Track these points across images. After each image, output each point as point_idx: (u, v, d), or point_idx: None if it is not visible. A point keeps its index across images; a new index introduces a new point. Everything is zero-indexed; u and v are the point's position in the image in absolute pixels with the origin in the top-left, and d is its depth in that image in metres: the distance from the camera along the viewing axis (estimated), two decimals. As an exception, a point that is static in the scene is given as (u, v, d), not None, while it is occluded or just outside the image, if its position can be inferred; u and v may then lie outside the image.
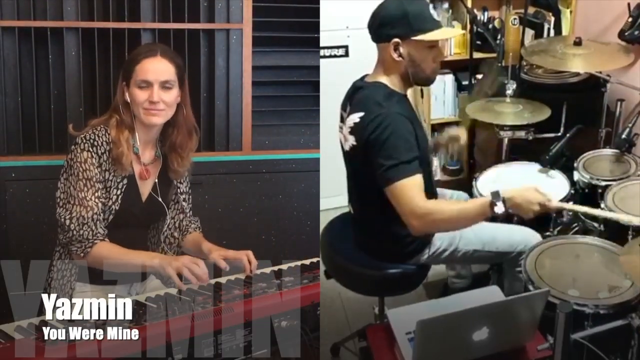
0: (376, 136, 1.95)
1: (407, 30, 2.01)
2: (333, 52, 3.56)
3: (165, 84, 1.96)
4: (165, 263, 1.86)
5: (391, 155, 1.92)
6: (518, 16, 3.51)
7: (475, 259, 2.32)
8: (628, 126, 2.65)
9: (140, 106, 1.96)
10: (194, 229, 2.24)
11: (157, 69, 1.96)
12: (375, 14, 2.06)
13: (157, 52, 1.98)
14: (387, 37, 2.03)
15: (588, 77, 3.02)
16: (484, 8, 3.67)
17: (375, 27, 2.06)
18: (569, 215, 2.55)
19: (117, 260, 1.93)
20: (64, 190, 1.96)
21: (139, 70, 1.95)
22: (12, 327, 1.56)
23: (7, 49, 2.59)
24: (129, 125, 1.99)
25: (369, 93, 2.05)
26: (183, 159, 2.11)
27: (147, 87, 1.95)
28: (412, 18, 2.00)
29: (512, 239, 2.26)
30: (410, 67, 2.05)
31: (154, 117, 1.97)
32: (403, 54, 2.03)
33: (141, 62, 1.95)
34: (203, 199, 2.72)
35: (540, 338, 1.81)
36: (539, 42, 3.20)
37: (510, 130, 2.90)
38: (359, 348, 2.14)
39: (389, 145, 1.93)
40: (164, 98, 1.96)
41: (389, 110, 1.98)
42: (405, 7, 2.01)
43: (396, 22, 2.01)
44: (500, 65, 3.39)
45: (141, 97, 1.95)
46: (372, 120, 1.97)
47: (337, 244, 2.36)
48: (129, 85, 1.97)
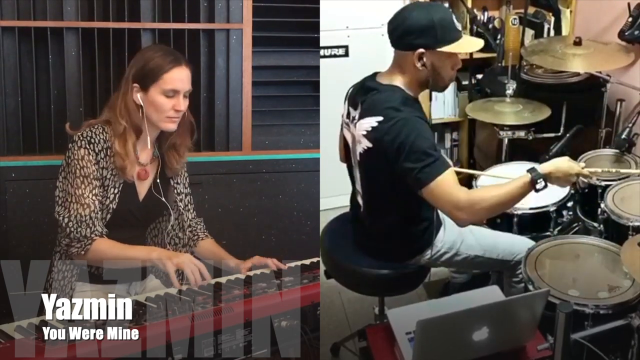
0: (401, 141, 1.92)
1: (433, 41, 1.97)
2: (333, 52, 3.56)
3: (187, 92, 1.99)
4: (165, 257, 1.87)
5: (420, 158, 1.90)
6: (518, 16, 3.52)
7: (475, 265, 2.32)
8: (628, 126, 2.66)
9: (164, 113, 1.97)
10: (204, 232, 2.24)
11: (184, 78, 1.98)
12: (398, 21, 2.00)
13: (182, 60, 1.99)
14: (411, 46, 1.99)
15: (588, 77, 3.03)
16: (484, 8, 3.68)
17: (398, 34, 2.00)
18: (569, 215, 2.55)
19: (117, 255, 1.93)
20: (62, 189, 1.96)
21: (168, 78, 1.95)
22: (12, 327, 1.56)
23: (7, 49, 2.59)
24: (137, 128, 1.99)
25: (385, 97, 2.01)
26: (181, 157, 2.13)
27: (173, 95, 1.97)
28: (439, 29, 1.96)
29: (513, 247, 2.27)
30: (431, 75, 2.03)
31: (174, 124, 2.00)
32: (426, 64, 2.00)
33: (170, 71, 1.96)
34: (203, 199, 2.72)
35: (540, 338, 1.81)
36: (539, 42, 3.20)
37: (510, 130, 2.90)
38: (359, 348, 2.14)
39: (416, 148, 1.91)
40: (185, 106, 2.00)
41: (409, 114, 1.95)
42: (432, 17, 1.96)
43: (422, 33, 1.96)
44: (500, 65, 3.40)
45: (167, 105, 1.96)
46: (393, 125, 1.94)
47: (337, 244, 2.36)
48: (147, 90, 1.97)
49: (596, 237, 2.28)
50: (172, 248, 2.17)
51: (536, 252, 2.16)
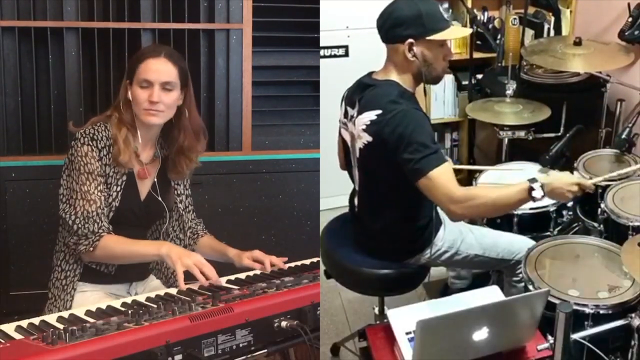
0: (400, 133, 1.93)
1: (421, 31, 2.00)
2: (333, 52, 3.57)
3: (166, 85, 1.97)
4: (175, 256, 1.85)
5: (418, 149, 1.91)
6: (518, 16, 3.52)
7: (475, 264, 2.32)
8: (628, 126, 2.66)
9: (141, 105, 1.96)
10: (203, 230, 2.25)
11: (159, 69, 1.97)
12: (386, 15, 2.04)
13: (162, 53, 1.99)
14: (400, 37, 2.01)
15: (588, 77, 3.03)
16: (484, 8, 3.68)
17: (387, 28, 2.03)
18: (569, 215, 2.55)
19: (125, 251, 1.93)
20: (66, 187, 1.96)
21: (142, 69, 1.96)
22: (12, 327, 1.56)
23: (7, 49, 2.60)
24: (129, 123, 1.99)
25: (383, 91, 2.03)
26: (191, 161, 2.12)
27: (148, 86, 1.96)
28: (425, 18, 2.00)
29: (513, 246, 2.27)
30: (423, 66, 2.04)
31: (152, 117, 1.98)
32: (417, 54, 2.02)
33: (144, 62, 1.96)
34: (203, 199, 2.72)
35: (540, 338, 1.81)
36: (539, 42, 3.20)
37: (510, 130, 2.90)
38: (359, 348, 2.14)
39: (414, 140, 1.92)
40: (163, 99, 1.96)
41: (407, 106, 1.97)
42: (419, 7, 2.00)
43: (410, 23, 1.99)
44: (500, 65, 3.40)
45: (142, 96, 1.96)
46: (392, 117, 1.96)
47: (337, 244, 2.36)
48: (132, 84, 1.98)
49: (596, 237, 2.28)
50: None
51: (536, 252, 2.16)
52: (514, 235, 2.40)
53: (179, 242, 2.18)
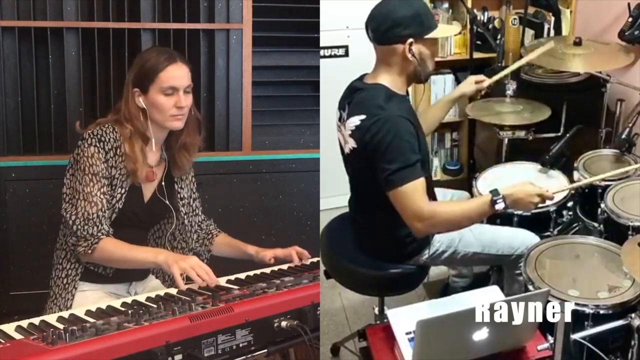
0: (379, 140, 1.94)
1: (420, 30, 2.00)
2: (333, 52, 3.57)
3: (187, 88, 1.99)
4: (171, 260, 1.86)
5: (395, 159, 1.91)
6: (518, 16, 3.52)
7: (475, 261, 2.33)
8: (628, 126, 2.66)
9: (167, 112, 1.97)
10: (216, 229, 2.27)
11: (181, 75, 1.99)
12: (381, 16, 2.02)
13: (177, 57, 2.00)
14: (400, 37, 2.00)
15: (588, 77, 3.03)
16: (484, 8, 3.68)
17: (384, 29, 2.01)
18: (569, 215, 2.55)
19: (124, 256, 1.93)
20: (69, 186, 1.96)
21: (164, 77, 1.96)
22: (12, 327, 1.56)
23: (7, 49, 2.59)
24: (143, 133, 1.99)
25: (369, 95, 2.03)
26: (191, 156, 2.14)
27: (172, 93, 1.97)
28: (423, 16, 2.01)
29: (513, 241, 2.27)
30: (419, 65, 2.05)
31: (179, 121, 2.01)
32: (415, 53, 2.02)
33: (165, 70, 1.96)
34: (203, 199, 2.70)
35: (540, 338, 1.81)
36: (539, 42, 3.20)
37: (510, 130, 2.90)
38: (359, 348, 2.14)
39: (392, 149, 1.92)
40: (187, 102, 2.00)
41: (391, 112, 1.96)
42: (415, 7, 2.00)
43: (409, 22, 1.99)
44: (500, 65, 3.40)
45: (168, 103, 1.97)
46: (374, 123, 1.96)
47: (337, 244, 2.36)
48: (147, 92, 1.97)
49: (596, 237, 2.28)
50: (178, 252, 2.17)
51: (536, 252, 2.16)
52: (515, 229, 2.38)
53: (185, 245, 2.18)
